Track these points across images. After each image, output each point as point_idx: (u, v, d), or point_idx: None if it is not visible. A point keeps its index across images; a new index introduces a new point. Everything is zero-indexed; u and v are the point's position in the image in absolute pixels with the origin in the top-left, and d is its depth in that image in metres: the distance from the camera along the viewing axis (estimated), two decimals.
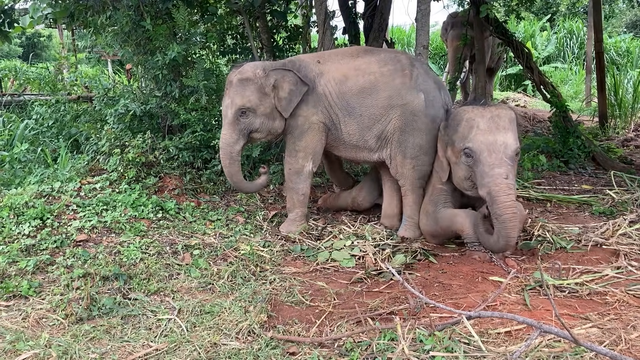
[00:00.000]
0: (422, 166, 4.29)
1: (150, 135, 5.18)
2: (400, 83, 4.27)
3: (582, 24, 15.47)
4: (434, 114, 4.23)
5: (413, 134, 4.25)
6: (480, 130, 3.77)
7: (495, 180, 3.65)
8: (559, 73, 14.40)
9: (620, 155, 7.03)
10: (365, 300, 3.35)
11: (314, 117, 4.36)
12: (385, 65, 4.33)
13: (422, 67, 4.44)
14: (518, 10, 8.94)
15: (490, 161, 3.70)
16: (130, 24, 5.26)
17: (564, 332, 2.44)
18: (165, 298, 3.40)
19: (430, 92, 4.27)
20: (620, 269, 3.62)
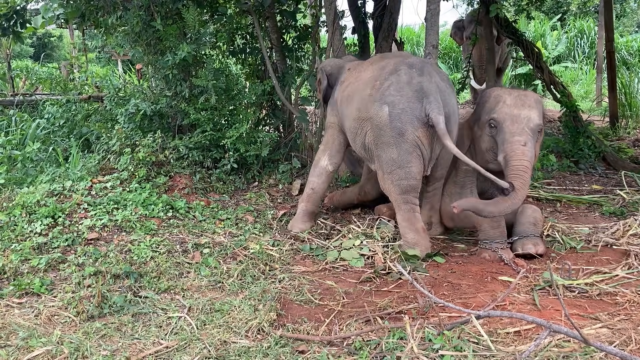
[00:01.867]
0: (400, 180, 3.94)
1: (160, 134, 5.22)
2: (367, 95, 4.06)
3: (593, 24, 15.37)
4: (400, 127, 3.85)
5: (384, 149, 3.96)
6: (507, 105, 3.92)
7: (512, 145, 3.78)
8: (569, 73, 14.31)
9: (631, 155, 6.98)
10: (374, 300, 3.36)
11: (332, 118, 4.62)
12: (371, 73, 4.21)
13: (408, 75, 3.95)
14: (528, 9, 8.90)
15: (512, 129, 3.83)
16: (141, 24, 5.30)
17: (573, 332, 2.43)
18: (175, 296, 3.42)
19: (399, 105, 3.86)
20: (631, 269, 3.60)
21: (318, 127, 5.95)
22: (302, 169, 5.82)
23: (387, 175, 4.00)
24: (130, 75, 10.11)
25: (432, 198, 4.32)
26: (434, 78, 3.97)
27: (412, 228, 3.99)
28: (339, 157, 4.65)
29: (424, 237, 3.99)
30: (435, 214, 4.37)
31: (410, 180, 3.94)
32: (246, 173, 5.66)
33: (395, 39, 6.98)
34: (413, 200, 4.00)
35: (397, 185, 3.97)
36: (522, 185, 3.70)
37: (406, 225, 4.02)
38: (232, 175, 5.54)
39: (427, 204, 4.32)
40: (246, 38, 6.39)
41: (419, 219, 4.03)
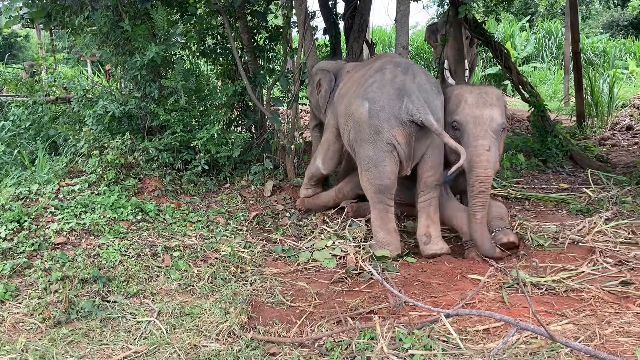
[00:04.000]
0: (374, 179, 3.93)
1: (129, 136, 5.15)
2: (353, 91, 4.10)
3: (560, 25, 15.67)
4: (378, 125, 3.84)
5: (362, 145, 3.97)
6: (468, 105, 3.90)
7: (477, 150, 3.79)
8: (537, 73, 14.56)
9: (597, 154, 7.14)
10: (346, 300, 3.37)
11: (332, 121, 4.63)
12: (362, 72, 4.24)
13: (392, 74, 3.94)
14: (497, 10, 9.02)
15: (475, 132, 3.83)
16: (109, 24, 5.23)
17: (540, 329, 2.47)
18: (144, 300, 3.38)
19: (379, 102, 3.85)
20: (596, 265, 3.68)
21: (290, 127, 5.94)
22: (274, 170, 5.81)
23: (364, 172, 4.02)
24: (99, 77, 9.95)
25: (428, 208, 4.04)
26: (417, 78, 3.93)
27: (383, 228, 4.00)
28: (333, 163, 4.75)
29: (394, 237, 4.01)
30: (434, 226, 4.05)
31: (383, 179, 3.93)
32: (217, 174, 5.62)
33: (366, 39, 7.02)
34: (387, 201, 4.00)
35: (372, 184, 3.97)
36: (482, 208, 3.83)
37: (378, 225, 4.03)
38: (203, 177, 5.50)
39: (423, 214, 4.06)
40: (217, 38, 6.36)
41: (392, 220, 4.04)
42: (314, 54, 5.64)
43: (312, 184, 5.01)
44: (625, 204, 4.91)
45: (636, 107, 9.72)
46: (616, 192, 5.20)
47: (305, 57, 5.58)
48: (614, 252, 3.89)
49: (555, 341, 2.46)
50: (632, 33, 16.59)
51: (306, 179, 5.04)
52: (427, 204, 4.05)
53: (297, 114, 6.24)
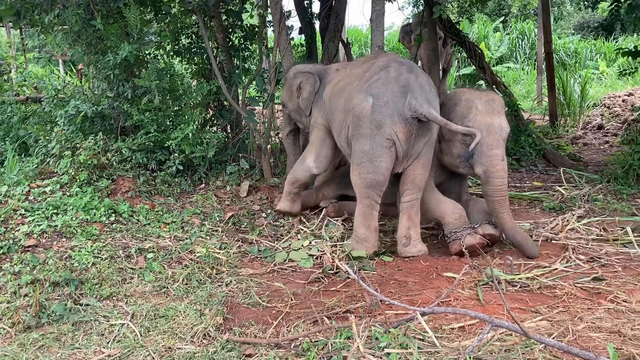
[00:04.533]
0: (367, 174, 3.93)
1: (102, 136, 5.07)
2: (356, 85, 4.08)
3: (533, 25, 15.88)
4: (380, 120, 3.85)
5: (359, 140, 3.97)
6: (479, 112, 3.96)
7: (492, 161, 3.88)
8: (511, 73, 14.76)
9: (569, 152, 7.25)
10: (323, 300, 3.36)
11: (320, 119, 4.57)
12: (363, 68, 4.21)
13: (397, 71, 3.96)
14: (471, 11, 9.11)
15: (488, 142, 3.89)
16: (80, 23, 5.14)
17: (514, 326, 2.50)
18: (118, 303, 3.32)
19: (383, 97, 3.87)
20: (569, 262, 3.74)
21: (266, 127, 5.91)
22: (250, 170, 5.77)
23: (356, 166, 4.01)
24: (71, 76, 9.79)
25: (410, 210, 4.05)
26: (420, 78, 4.00)
27: (365, 224, 4.02)
28: (326, 162, 4.59)
29: (374, 235, 4.03)
30: (415, 228, 4.06)
31: (377, 175, 3.93)
32: (192, 175, 5.57)
33: (342, 39, 7.02)
34: (375, 197, 4.01)
35: (363, 178, 3.97)
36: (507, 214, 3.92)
37: (360, 220, 4.05)
38: (178, 178, 5.44)
39: (405, 215, 4.06)
40: (191, 37, 6.30)
41: (375, 217, 4.06)
42: (289, 53, 5.62)
43: (295, 191, 4.73)
44: (596, 201, 5.00)
45: (607, 106, 9.91)
46: (588, 190, 5.29)
47: (281, 56, 5.57)
48: (586, 249, 3.96)
49: (529, 338, 2.49)
50: (602, 34, 16.91)
51: (288, 187, 4.72)
52: (410, 205, 4.07)
53: (273, 114, 6.22)
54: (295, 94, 4.82)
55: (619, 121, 9.03)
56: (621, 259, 3.79)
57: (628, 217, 4.54)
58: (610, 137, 8.34)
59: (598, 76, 13.45)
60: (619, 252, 3.89)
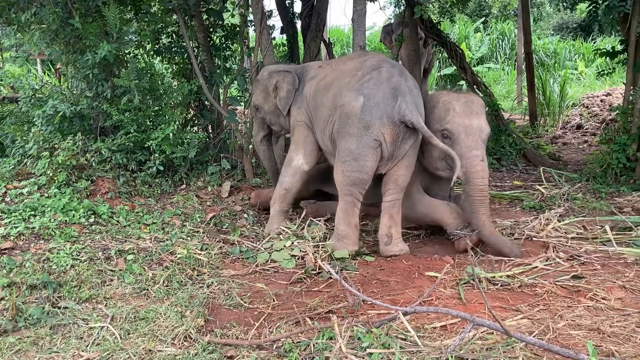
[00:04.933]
0: (351, 172, 3.94)
1: (81, 137, 5.01)
2: (346, 83, 4.04)
3: (513, 26, 16.04)
4: (369, 120, 3.86)
5: (345, 138, 3.96)
6: (457, 113, 3.97)
7: (472, 162, 3.88)
8: (492, 73, 14.88)
9: (549, 152, 7.33)
10: (305, 300, 3.34)
11: (300, 116, 4.48)
12: (353, 65, 4.19)
13: (389, 73, 3.98)
14: (452, 12, 9.17)
15: (467, 143, 3.91)
16: (58, 21, 5.07)
17: (496, 325, 2.51)
18: (97, 305, 3.28)
19: (374, 98, 3.87)
20: (549, 260, 3.77)
21: (248, 127, 5.88)
22: (232, 171, 5.74)
23: (341, 164, 4.00)
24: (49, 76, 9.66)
25: (392, 209, 4.07)
26: (408, 82, 4.01)
27: (346, 220, 4.03)
28: (313, 157, 4.47)
29: (354, 232, 4.03)
30: (396, 227, 4.08)
31: (361, 173, 3.94)
32: (173, 175, 5.52)
33: (323, 39, 7.02)
34: (357, 195, 4.02)
35: (347, 176, 3.97)
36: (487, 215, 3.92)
37: (342, 217, 4.05)
38: (158, 178, 5.39)
39: (386, 214, 4.07)
40: (172, 37, 6.25)
41: (356, 215, 4.07)
42: (271, 53, 5.61)
43: (286, 208, 4.55)
44: (576, 200, 5.06)
45: (585, 106, 10.04)
46: (567, 189, 5.36)
47: (263, 56, 5.54)
48: (566, 248, 4.00)
49: (510, 336, 2.50)
50: (580, 35, 17.12)
51: (279, 205, 4.51)
52: (392, 205, 4.08)
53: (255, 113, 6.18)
54: (272, 94, 4.67)
55: (597, 121, 9.16)
56: (600, 257, 3.83)
57: (607, 215, 4.59)
58: (589, 137, 8.45)
59: (577, 76, 13.62)
60: (598, 250, 3.93)
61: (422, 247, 4.27)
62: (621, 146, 5.41)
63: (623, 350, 2.56)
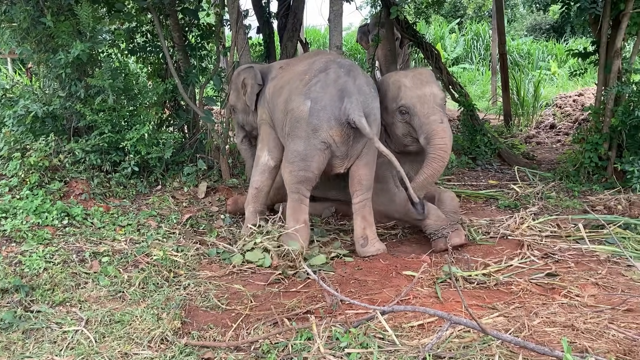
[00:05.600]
0: (298, 171, 3.99)
1: (54, 137, 4.93)
2: (294, 87, 4.08)
3: (487, 27, 16.22)
4: (317, 124, 3.88)
5: (294, 140, 4.00)
6: (408, 87, 4.07)
7: (431, 125, 3.97)
8: (467, 73, 15.01)
9: (523, 151, 7.42)
10: (283, 301, 3.33)
11: (263, 115, 4.48)
12: (303, 66, 4.22)
13: (336, 74, 3.98)
14: (427, 12, 9.23)
15: (424, 111, 4.00)
16: (29, 20, 4.97)
17: (472, 323, 2.53)
18: (71, 309, 3.22)
19: (321, 101, 3.89)
20: (524, 258, 3.82)
21: (225, 127, 5.84)
22: (208, 171, 5.69)
23: (288, 164, 4.06)
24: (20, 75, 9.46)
25: (363, 210, 4.10)
26: (358, 80, 4.00)
27: (295, 217, 4.06)
28: (278, 151, 4.42)
29: (304, 228, 4.05)
30: (370, 227, 4.11)
31: (307, 172, 3.99)
32: (148, 176, 5.45)
33: (300, 39, 7.01)
34: (304, 192, 4.07)
35: (293, 175, 4.03)
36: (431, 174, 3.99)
37: (290, 214, 4.10)
38: (134, 179, 5.32)
39: (358, 216, 4.11)
40: (146, 36, 6.18)
41: (305, 211, 4.10)
42: (247, 52, 5.57)
43: (260, 208, 4.49)
44: (550, 199, 5.14)
45: (558, 106, 10.19)
46: (542, 188, 5.43)
47: (239, 55, 5.51)
48: (541, 246, 4.05)
49: (487, 334, 2.53)
50: (553, 36, 17.38)
51: (252, 206, 4.46)
52: (362, 206, 4.11)
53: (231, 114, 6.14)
54: (241, 91, 4.69)
55: (570, 120, 9.30)
56: (573, 254, 3.89)
57: (580, 214, 4.67)
58: (562, 136, 8.58)
59: (550, 77, 13.81)
60: (571, 248, 4.00)
61: (399, 246, 4.29)
62: (593, 145, 5.50)
63: (596, 346, 2.60)
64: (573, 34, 16.88)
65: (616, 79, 5.41)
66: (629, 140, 5.39)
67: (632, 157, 5.22)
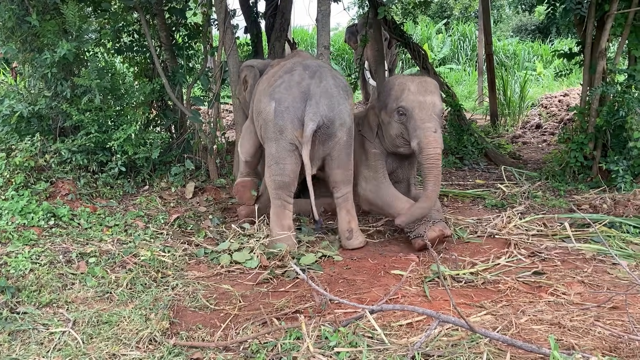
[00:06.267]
0: (275, 176, 4.05)
1: (39, 137, 4.89)
2: (262, 89, 4.20)
3: (474, 28, 16.30)
4: (282, 125, 3.95)
5: (267, 143, 4.08)
6: (412, 92, 4.11)
7: (425, 132, 3.99)
8: (453, 74, 15.08)
9: (510, 151, 7.47)
10: (272, 301, 3.33)
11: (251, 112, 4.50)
12: (274, 70, 4.28)
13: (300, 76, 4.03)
14: (414, 13, 9.26)
15: (421, 116, 4.03)
16: (14, 18, 4.93)
17: (460, 321, 2.55)
18: (58, 310, 3.20)
19: (284, 102, 3.96)
20: (511, 257, 3.85)
21: (212, 127, 5.82)
22: (195, 171, 5.67)
23: (267, 168, 4.11)
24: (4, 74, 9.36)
25: (345, 204, 4.19)
26: (324, 82, 4.01)
27: (279, 223, 4.08)
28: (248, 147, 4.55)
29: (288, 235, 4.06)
30: (354, 220, 4.21)
31: (283, 177, 4.04)
32: (135, 177, 5.42)
33: (288, 39, 7.01)
34: (285, 197, 4.10)
35: (272, 180, 4.08)
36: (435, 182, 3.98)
37: (274, 220, 4.11)
38: (121, 179, 5.29)
39: (342, 210, 4.20)
40: (133, 35, 6.14)
41: (289, 216, 4.12)
42: (235, 52, 5.56)
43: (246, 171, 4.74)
44: (536, 198, 5.18)
45: (544, 106, 10.28)
46: (528, 187, 5.48)
47: (227, 55, 5.49)
48: (527, 244, 4.09)
49: (475, 332, 2.55)
50: (538, 37, 17.53)
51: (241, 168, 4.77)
52: (344, 199, 4.20)
53: (219, 113, 6.11)
54: (243, 86, 4.83)
55: (555, 120, 9.38)
56: (560, 253, 3.93)
57: (566, 213, 4.71)
58: (548, 136, 8.65)
59: (535, 77, 13.92)
60: (557, 247, 4.04)
61: (387, 245, 4.30)
62: (579, 145, 5.55)
63: (583, 343, 2.63)
64: (558, 35, 17.03)
65: (601, 79, 5.47)
66: (614, 139, 5.44)
67: (616, 156, 5.27)
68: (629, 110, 5.21)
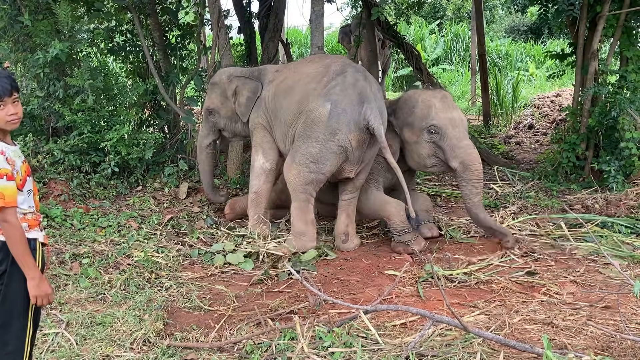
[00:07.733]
0: (310, 173, 3.96)
1: (32, 138, 4.87)
2: (312, 88, 4.01)
3: (467, 28, 16.35)
4: (335, 127, 3.87)
5: (307, 142, 3.95)
6: (439, 109, 4.09)
7: (466, 150, 4.03)
8: (446, 74, 15.11)
9: (502, 151, 7.50)
10: (266, 301, 3.34)
11: (259, 119, 4.42)
12: (316, 68, 4.15)
13: (354, 78, 3.98)
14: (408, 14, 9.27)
15: (456, 134, 4.04)
16: (6, 18, 4.91)
17: (454, 321, 2.56)
18: (51, 311, 3.18)
19: (341, 104, 3.88)
20: (504, 257, 3.86)
21: None
22: (189, 172, 5.65)
23: (297, 166, 4.00)
24: None
25: (348, 207, 4.19)
26: (373, 86, 4.04)
27: (302, 218, 4.05)
28: (273, 153, 4.40)
29: (311, 229, 4.06)
30: (352, 224, 4.22)
31: (319, 175, 3.99)
32: (129, 177, 5.40)
33: (281, 39, 7.01)
34: (312, 192, 4.07)
35: (302, 176, 3.99)
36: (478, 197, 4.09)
37: (297, 214, 4.07)
38: (114, 180, 5.27)
39: (343, 212, 4.20)
40: (126, 35, 6.12)
41: (311, 211, 4.11)
42: (228, 52, 5.56)
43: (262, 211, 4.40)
44: (529, 198, 5.20)
45: (537, 107, 10.32)
46: (521, 188, 5.51)
47: (220, 55, 5.49)
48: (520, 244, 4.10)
49: (468, 332, 2.56)
50: (531, 37, 17.59)
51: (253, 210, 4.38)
52: (349, 203, 4.19)
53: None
54: (231, 99, 4.56)
55: (548, 121, 9.42)
56: (552, 253, 3.95)
57: (558, 213, 4.73)
58: (541, 136, 8.69)
59: (528, 77, 13.98)
60: (550, 247, 4.05)
61: (381, 246, 4.31)
62: (571, 145, 5.58)
63: (575, 342, 2.65)
64: (551, 36, 17.10)
65: (593, 80, 5.50)
66: (606, 140, 5.48)
67: (608, 157, 5.30)
68: (620, 111, 5.24)
